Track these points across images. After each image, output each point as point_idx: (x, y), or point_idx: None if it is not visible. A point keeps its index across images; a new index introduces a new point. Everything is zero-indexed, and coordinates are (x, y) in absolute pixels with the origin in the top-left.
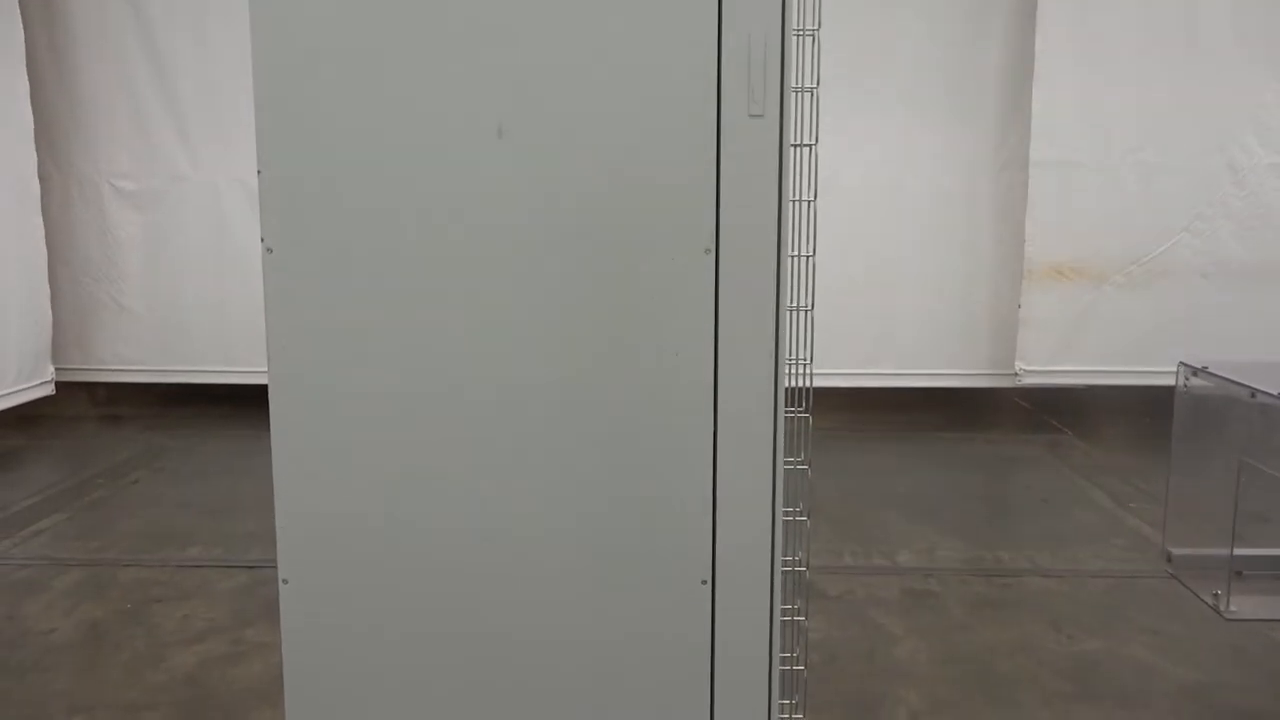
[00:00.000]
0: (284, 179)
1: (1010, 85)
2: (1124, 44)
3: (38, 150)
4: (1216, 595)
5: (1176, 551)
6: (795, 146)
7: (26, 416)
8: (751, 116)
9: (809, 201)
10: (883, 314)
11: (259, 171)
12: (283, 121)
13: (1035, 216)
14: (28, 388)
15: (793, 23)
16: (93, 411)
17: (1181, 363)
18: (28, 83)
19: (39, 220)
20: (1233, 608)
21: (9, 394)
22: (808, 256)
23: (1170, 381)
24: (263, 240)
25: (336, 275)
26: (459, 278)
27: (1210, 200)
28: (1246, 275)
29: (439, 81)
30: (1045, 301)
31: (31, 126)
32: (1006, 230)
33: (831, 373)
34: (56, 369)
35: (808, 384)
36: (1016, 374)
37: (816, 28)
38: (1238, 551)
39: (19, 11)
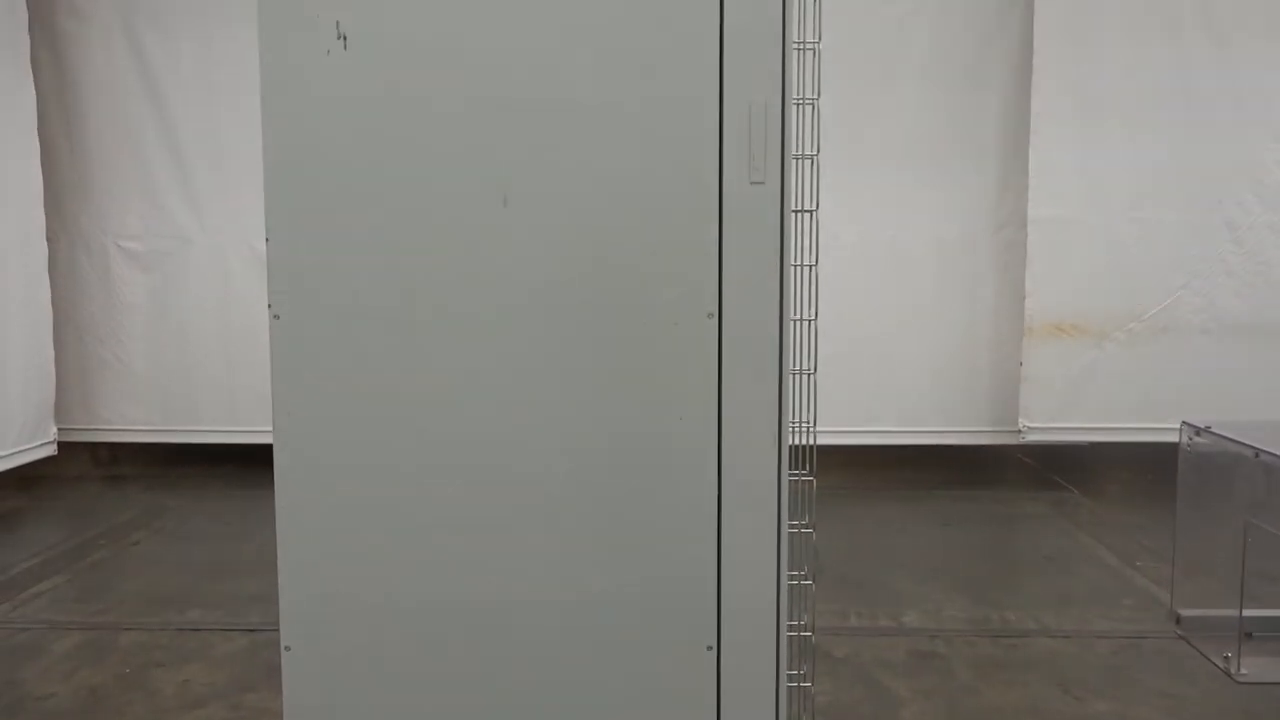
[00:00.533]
0: (292, 246)
1: (1008, 143)
2: (1119, 104)
3: (46, 212)
4: (1227, 658)
5: (1185, 613)
6: (796, 212)
7: (28, 477)
8: (753, 183)
9: (810, 266)
10: (883, 370)
11: (267, 239)
12: (291, 190)
13: (1035, 273)
14: (30, 448)
15: (793, 92)
16: (95, 471)
17: (1184, 422)
18: (39, 146)
19: (45, 282)
20: (1244, 670)
21: (11, 454)
22: (810, 320)
23: (1174, 439)
24: (270, 307)
25: (343, 341)
26: (463, 344)
27: (1209, 257)
28: (1247, 332)
29: (445, 152)
30: (1047, 358)
31: (41, 189)
32: (1006, 287)
33: (832, 430)
34: (59, 428)
35: (811, 446)
36: (1020, 431)
37: (816, 97)
38: (1247, 613)
39: (32, 76)
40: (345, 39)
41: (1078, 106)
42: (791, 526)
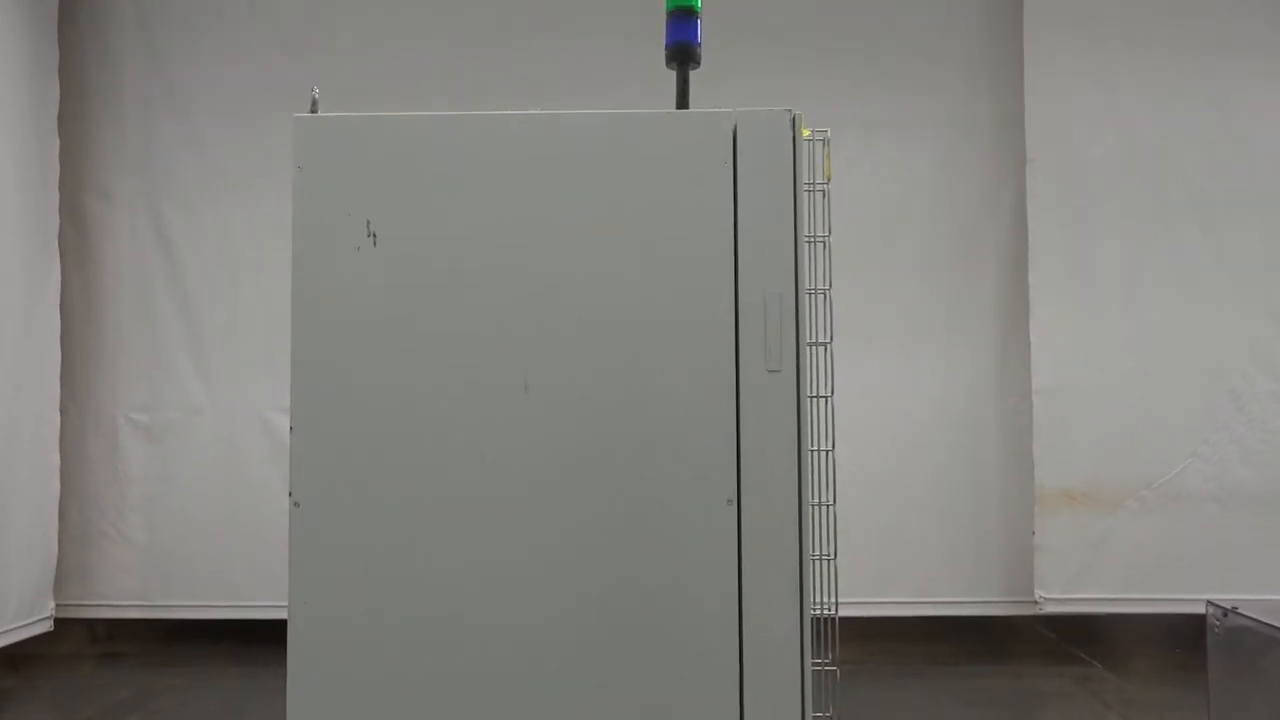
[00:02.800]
0: (316, 435)
1: (1007, 315)
2: (1115, 276)
3: (60, 384)
4: None
5: None
6: (812, 398)
7: (20, 655)
8: (769, 371)
9: (827, 451)
10: (893, 542)
11: (291, 428)
12: (317, 380)
13: (1042, 442)
14: (26, 624)
15: (805, 282)
16: (90, 649)
17: (1209, 602)
18: (60, 322)
19: (56, 456)
20: None
21: (7, 631)
22: (829, 505)
23: (1195, 609)
24: (290, 495)
25: (363, 529)
26: (484, 531)
27: (1215, 426)
28: (1259, 500)
29: (469, 341)
30: (1059, 527)
31: (59, 364)
32: (1013, 455)
33: (845, 601)
34: (56, 604)
35: (834, 631)
36: (1037, 602)
37: (828, 287)
38: None
39: (59, 255)
40: (375, 236)
41: (1074, 279)
42: (816, 717)
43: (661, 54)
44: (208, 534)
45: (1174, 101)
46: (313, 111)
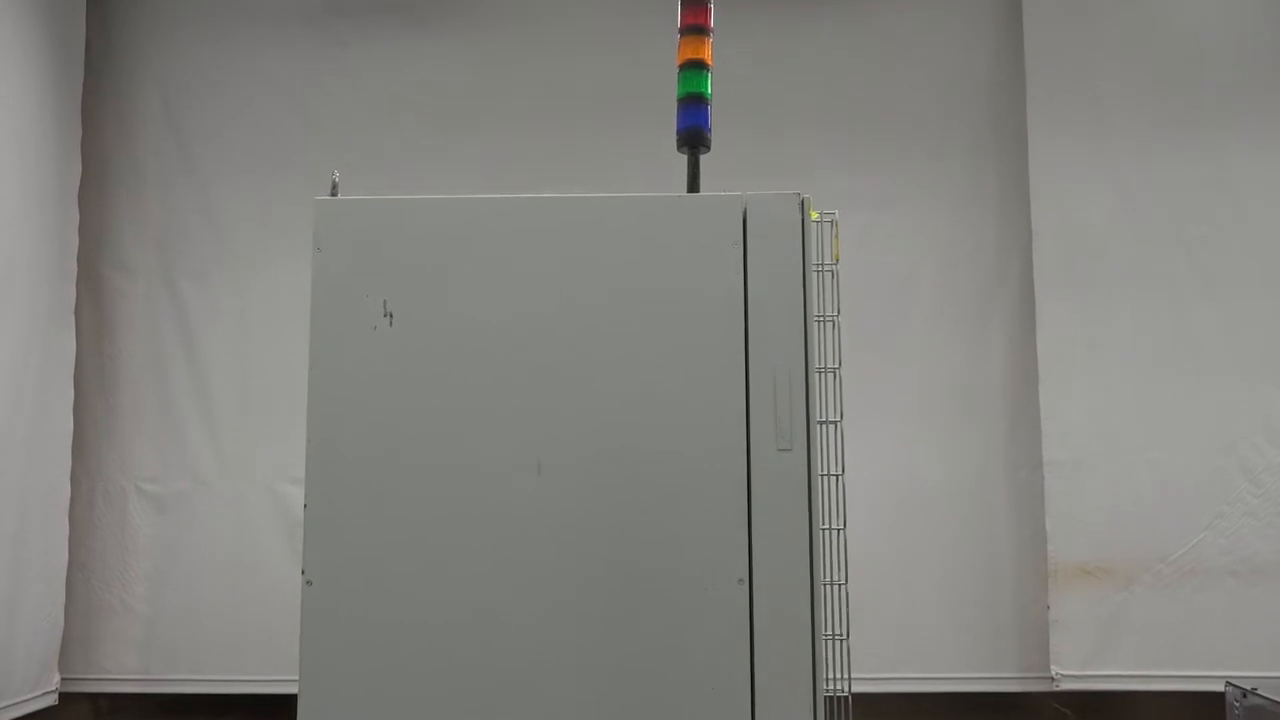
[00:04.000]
0: (331, 514)
1: (1016, 387)
2: (1123, 347)
3: (72, 454)
4: None
5: None
6: (823, 476)
7: None
8: (780, 450)
9: (839, 530)
10: (905, 617)
11: (305, 505)
12: (332, 458)
13: (1055, 515)
14: (31, 698)
15: (815, 361)
16: None
17: (1229, 683)
18: (73, 393)
19: (65, 528)
20: None
21: (11, 705)
22: (840, 584)
23: (1214, 687)
24: (303, 573)
25: (376, 607)
26: (496, 611)
27: (1229, 499)
28: (1277, 575)
29: (483, 421)
30: (1075, 602)
31: (71, 435)
32: (1026, 528)
33: (857, 677)
34: (61, 677)
35: (847, 712)
36: (1054, 679)
37: (838, 365)
38: None
39: (74, 327)
40: (392, 316)
41: (1083, 351)
42: None
43: (672, 137)
44: (214, 606)
45: (1176, 174)
46: (333, 194)
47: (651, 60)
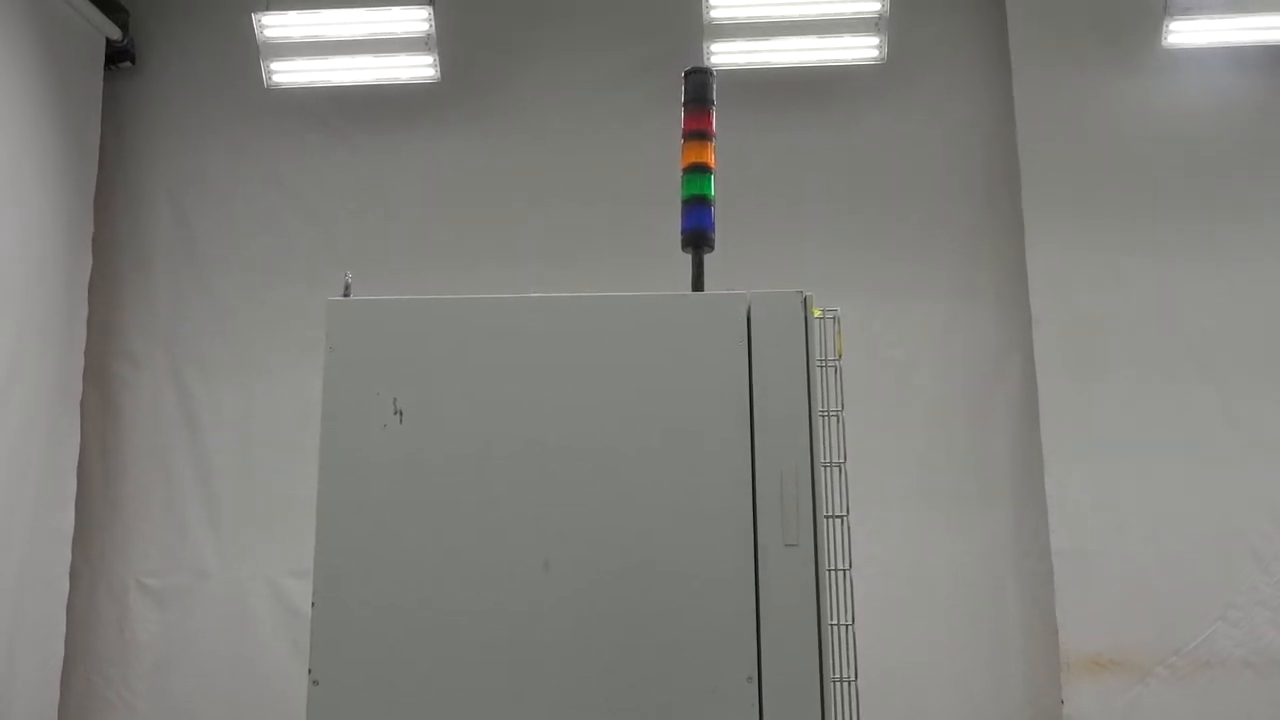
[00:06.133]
0: (338, 612)
1: (1020, 477)
2: (1127, 435)
3: (73, 549)
4: None
5: None
6: (830, 571)
7: None
8: (787, 545)
9: (847, 625)
10: (915, 712)
11: (313, 604)
12: (341, 556)
13: (1065, 606)
14: None
15: (820, 456)
16: None
17: None
18: (75, 486)
19: (62, 625)
20: None
21: None
22: (850, 681)
23: None
24: (310, 673)
25: (383, 709)
26: (503, 706)
27: (1240, 588)
28: None
29: (491, 519)
30: (1089, 696)
31: (71, 530)
32: (1035, 619)
33: None
34: None
35: None
36: None
37: (843, 460)
38: None
39: (79, 421)
40: (402, 414)
41: (1087, 439)
42: None
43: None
44: (212, 703)
45: (1172, 261)
46: (345, 295)
47: (653, 152)
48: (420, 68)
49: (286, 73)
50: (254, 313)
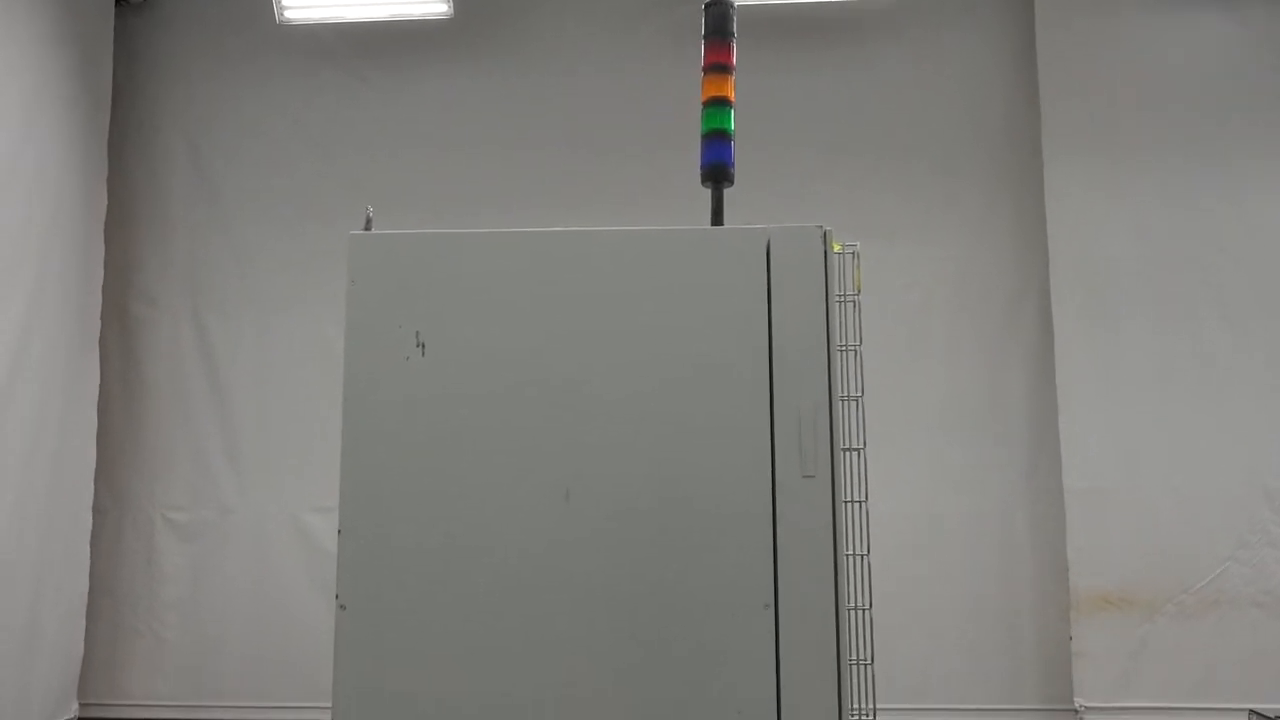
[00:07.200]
0: (364, 540)
1: (1037, 416)
2: (1143, 374)
3: (98, 484)
4: None
5: None
6: (847, 503)
7: None
8: (804, 477)
9: (863, 556)
10: (925, 647)
11: (339, 531)
12: (366, 486)
13: (1076, 544)
14: None
15: (838, 390)
16: None
17: (1251, 710)
18: (96, 422)
19: (86, 556)
20: None
21: None
22: (865, 609)
23: (1239, 719)
24: (337, 597)
25: (408, 632)
26: (526, 636)
27: (1252, 528)
28: None
29: (512, 450)
30: (1097, 633)
31: (94, 464)
32: (1046, 558)
33: (879, 708)
34: (81, 704)
35: None
36: (1076, 710)
37: (860, 394)
38: None
39: (99, 358)
40: (424, 346)
41: (1103, 378)
42: None
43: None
44: (238, 633)
45: (1191, 200)
46: (366, 229)
47: (673, 90)
48: (434, 3)
49: (298, 8)
50: (271, 250)
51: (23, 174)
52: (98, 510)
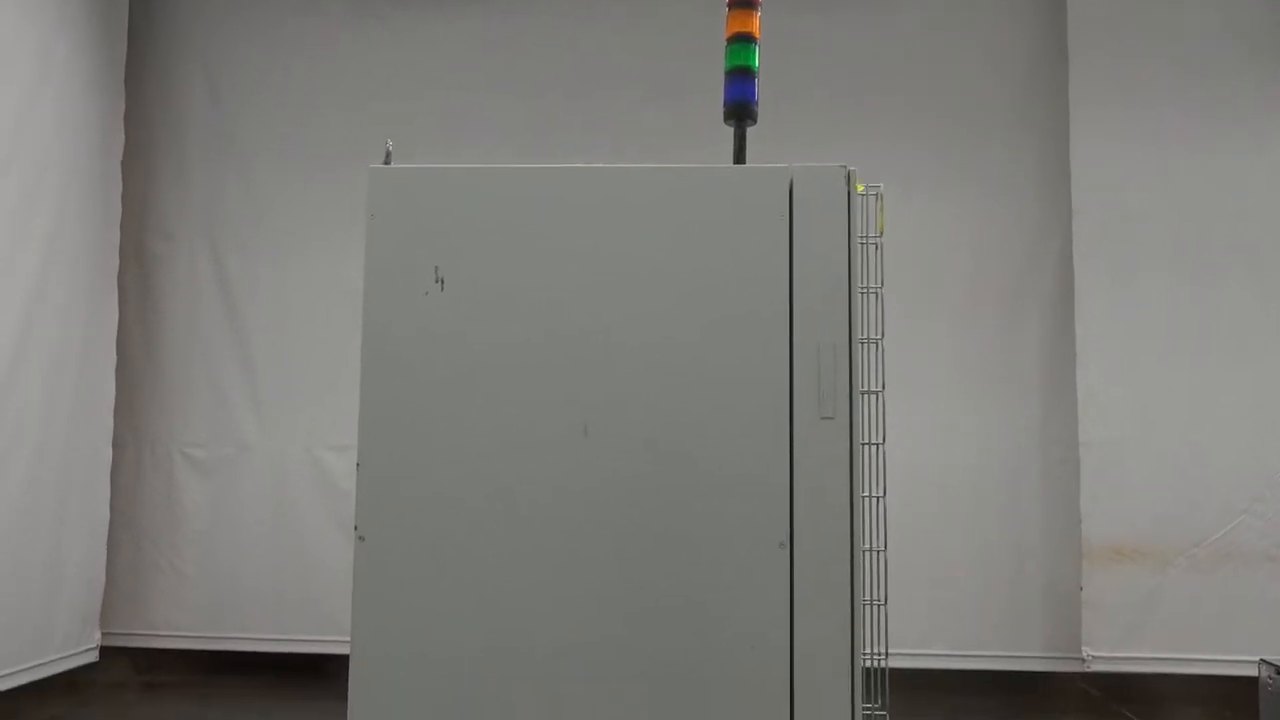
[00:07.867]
0: (382, 472)
1: (1052, 366)
2: (1163, 326)
3: (118, 419)
4: None
5: None
6: (864, 445)
7: (66, 684)
8: (822, 418)
9: (879, 498)
10: (936, 593)
11: (358, 464)
12: (385, 419)
13: (1089, 495)
14: (72, 654)
15: (858, 332)
16: (134, 678)
17: (1262, 660)
18: (115, 357)
19: (106, 489)
20: None
21: (53, 660)
22: (880, 551)
23: (1248, 671)
24: (356, 529)
25: (425, 562)
26: (543, 570)
27: (1269, 482)
28: None
29: (531, 385)
30: (1108, 584)
31: (113, 398)
32: (1059, 509)
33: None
34: (103, 633)
35: (884, 677)
36: (1084, 660)
37: (880, 337)
38: None
39: (117, 293)
40: (443, 282)
41: (1122, 330)
42: None
43: (717, 109)
44: (256, 568)
45: (1217, 151)
46: (386, 163)
47: (695, 31)
48: None
49: None
50: (288, 188)
51: (41, 110)
52: (117, 445)
